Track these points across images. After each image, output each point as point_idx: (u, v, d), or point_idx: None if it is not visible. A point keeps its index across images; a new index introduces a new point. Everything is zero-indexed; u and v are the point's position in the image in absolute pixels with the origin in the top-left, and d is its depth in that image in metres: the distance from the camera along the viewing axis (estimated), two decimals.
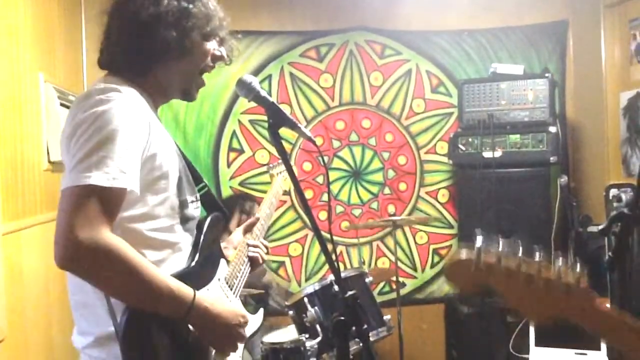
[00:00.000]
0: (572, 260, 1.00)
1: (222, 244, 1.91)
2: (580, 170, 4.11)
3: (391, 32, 4.07)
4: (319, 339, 2.55)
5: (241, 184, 3.96)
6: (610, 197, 3.51)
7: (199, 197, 1.62)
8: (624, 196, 3.37)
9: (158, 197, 1.44)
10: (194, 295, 1.38)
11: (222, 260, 1.68)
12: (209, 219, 1.64)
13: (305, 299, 2.62)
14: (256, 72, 3.89)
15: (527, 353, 3.26)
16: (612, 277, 3.09)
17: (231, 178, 3.95)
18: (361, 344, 1.53)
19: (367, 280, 2.84)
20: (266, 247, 1.94)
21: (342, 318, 1.47)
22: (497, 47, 4.08)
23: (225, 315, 1.45)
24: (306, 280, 4.00)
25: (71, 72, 3.24)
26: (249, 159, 3.96)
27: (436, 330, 3.97)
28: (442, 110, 4.11)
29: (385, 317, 2.81)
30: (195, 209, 1.58)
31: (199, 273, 1.53)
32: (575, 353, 2.95)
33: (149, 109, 1.50)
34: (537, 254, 1.00)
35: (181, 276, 1.43)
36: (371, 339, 2.70)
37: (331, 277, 2.78)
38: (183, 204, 1.52)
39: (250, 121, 3.94)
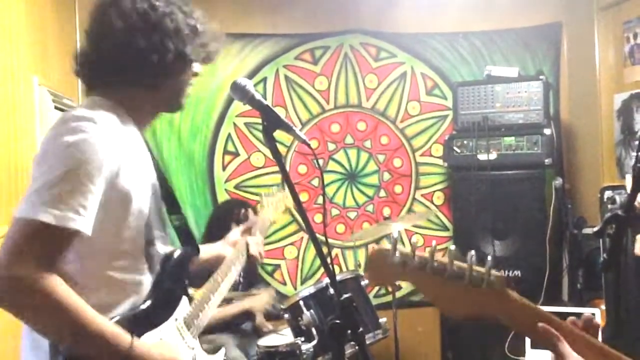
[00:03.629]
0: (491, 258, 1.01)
1: (220, 243, 1.93)
2: (574, 172, 4.12)
3: (386, 35, 4.08)
4: (314, 342, 2.55)
5: (236, 187, 3.95)
6: (605, 199, 3.52)
7: (168, 233, 1.58)
8: (618, 198, 3.38)
9: (120, 236, 1.40)
10: (131, 343, 1.33)
11: (184, 299, 1.62)
12: (175, 256, 1.58)
13: (301, 302, 2.62)
14: (251, 75, 3.89)
15: (523, 355, 3.26)
16: (606, 279, 3.10)
17: (226, 181, 3.94)
18: (357, 347, 1.53)
19: (362, 283, 2.84)
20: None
21: (338, 321, 1.47)
22: (492, 49, 4.09)
23: None
24: (302, 283, 3.99)
25: (66, 75, 3.23)
26: (244, 162, 3.96)
27: (432, 333, 3.97)
28: (437, 112, 4.12)
29: (381, 320, 2.81)
30: (161, 246, 1.54)
31: (152, 313, 1.47)
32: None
33: (129, 136, 1.45)
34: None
35: (132, 317, 1.40)
36: (367, 342, 2.70)
37: (327, 279, 2.78)
38: (149, 243, 1.48)
39: (246, 124, 3.94)
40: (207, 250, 1.88)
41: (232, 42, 3.91)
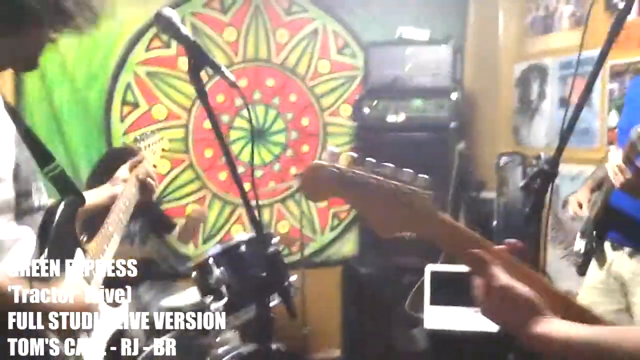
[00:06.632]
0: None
1: (107, 185, 1.88)
2: (473, 137, 4.27)
3: None
4: (224, 300, 2.46)
5: (136, 140, 3.70)
6: (500, 165, 3.68)
7: (41, 186, 1.46)
8: (544, 156, 3.50)
9: None
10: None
11: (78, 251, 1.52)
12: (60, 208, 1.47)
13: (211, 260, 2.52)
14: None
15: (422, 312, 3.36)
16: (528, 231, 3.23)
17: (125, 133, 3.69)
18: (282, 301, 1.49)
19: (273, 240, 2.78)
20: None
21: (264, 274, 1.41)
22: (404, 10, 4.06)
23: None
24: (204, 242, 3.86)
25: None
26: (145, 114, 3.71)
27: (334, 292, 4.00)
28: (347, 72, 4.07)
29: (291, 278, 2.77)
30: (39, 199, 1.43)
31: (47, 270, 1.37)
32: (475, 312, 3.07)
33: None
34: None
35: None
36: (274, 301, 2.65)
37: (237, 237, 2.70)
38: (22, 195, 1.37)
39: (148, 73, 3.68)
40: (96, 194, 1.80)
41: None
